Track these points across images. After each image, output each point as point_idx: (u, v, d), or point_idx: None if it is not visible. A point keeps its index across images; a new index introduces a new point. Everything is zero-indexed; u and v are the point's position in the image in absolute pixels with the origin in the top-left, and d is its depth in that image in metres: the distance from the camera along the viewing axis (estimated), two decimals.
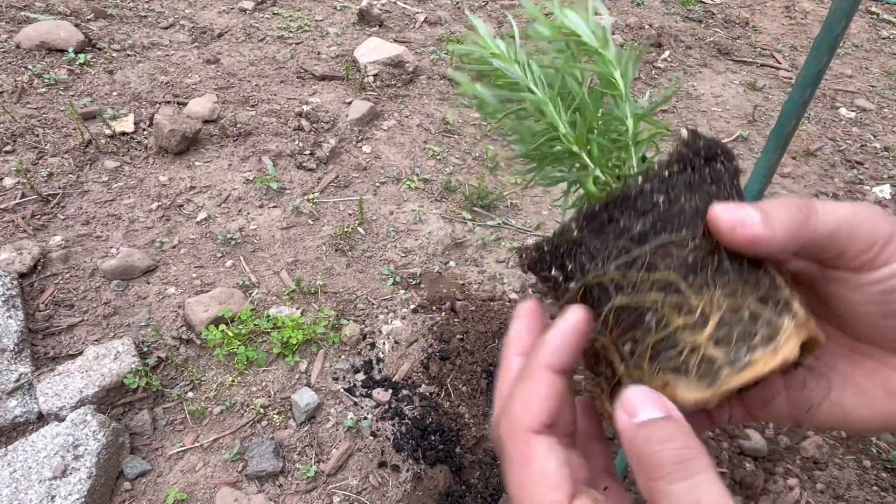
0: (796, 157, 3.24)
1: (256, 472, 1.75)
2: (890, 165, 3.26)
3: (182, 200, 2.51)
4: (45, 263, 2.17)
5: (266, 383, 1.98)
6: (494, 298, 2.33)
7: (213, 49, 3.36)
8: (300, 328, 2.07)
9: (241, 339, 2.03)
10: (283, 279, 2.28)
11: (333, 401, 1.96)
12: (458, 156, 2.97)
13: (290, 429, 1.88)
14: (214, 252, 2.34)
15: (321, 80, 3.27)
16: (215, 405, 1.91)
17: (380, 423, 1.92)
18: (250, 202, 2.55)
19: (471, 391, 2.02)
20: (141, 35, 3.33)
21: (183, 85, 3.04)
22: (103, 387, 1.80)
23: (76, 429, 1.66)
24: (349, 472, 1.81)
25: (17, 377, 1.81)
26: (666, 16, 4.37)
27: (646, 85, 3.64)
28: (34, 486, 1.56)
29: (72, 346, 1.97)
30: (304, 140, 2.84)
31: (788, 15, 4.65)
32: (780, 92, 3.76)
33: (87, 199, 2.43)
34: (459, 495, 1.77)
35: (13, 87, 2.80)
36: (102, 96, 2.89)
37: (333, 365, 2.06)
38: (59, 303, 2.08)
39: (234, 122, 2.85)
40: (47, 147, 2.58)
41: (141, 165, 2.62)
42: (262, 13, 3.76)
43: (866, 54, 4.28)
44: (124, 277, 2.18)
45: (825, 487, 1.87)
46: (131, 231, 2.35)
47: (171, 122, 2.64)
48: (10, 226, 2.28)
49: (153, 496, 1.70)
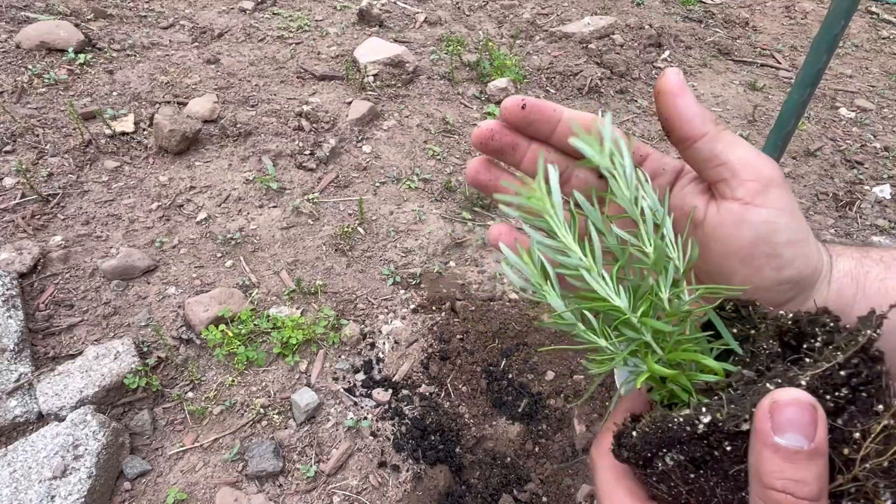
0: (796, 156, 3.24)
1: (256, 472, 1.75)
2: (890, 165, 3.26)
3: (182, 200, 2.51)
4: (45, 263, 2.17)
5: (266, 383, 1.98)
6: (494, 298, 2.33)
7: (213, 49, 3.36)
8: (300, 328, 2.07)
9: (241, 339, 2.03)
10: (283, 279, 2.28)
11: (333, 401, 1.96)
12: (458, 156, 2.97)
13: (290, 429, 1.88)
14: (214, 252, 2.34)
15: (321, 80, 3.27)
16: (215, 405, 1.91)
17: (380, 423, 1.92)
18: (250, 202, 2.55)
19: (471, 391, 2.02)
20: (141, 35, 3.33)
21: (183, 85, 3.04)
22: (103, 387, 1.80)
23: (76, 429, 1.66)
24: (349, 472, 1.81)
25: (17, 377, 1.81)
26: (666, 16, 4.37)
27: (646, 85, 3.64)
28: (34, 486, 1.56)
29: (72, 346, 1.97)
30: (304, 140, 2.84)
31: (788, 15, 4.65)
32: (780, 92, 3.76)
33: (87, 199, 2.43)
34: (459, 495, 1.77)
35: (13, 87, 2.80)
36: (102, 96, 2.89)
37: (333, 365, 2.06)
38: (59, 303, 2.08)
39: (234, 122, 2.85)
40: (47, 147, 2.58)
41: (141, 165, 2.62)
42: (262, 13, 3.76)
43: (866, 54, 4.28)
44: (124, 277, 2.18)
45: None
46: (131, 231, 2.35)
47: (171, 122, 2.64)
48: (10, 226, 2.28)
49: (153, 496, 1.70)
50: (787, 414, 0.34)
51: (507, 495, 1.78)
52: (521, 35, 3.92)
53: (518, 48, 3.80)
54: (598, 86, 3.51)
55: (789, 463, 0.33)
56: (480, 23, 4.02)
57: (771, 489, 0.33)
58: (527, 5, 4.27)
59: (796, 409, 0.34)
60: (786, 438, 0.34)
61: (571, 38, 3.88)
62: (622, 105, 3.46)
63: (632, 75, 3.67)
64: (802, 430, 0.34)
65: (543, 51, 3.80)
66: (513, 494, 1.79)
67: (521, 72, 3.51)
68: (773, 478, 0.33)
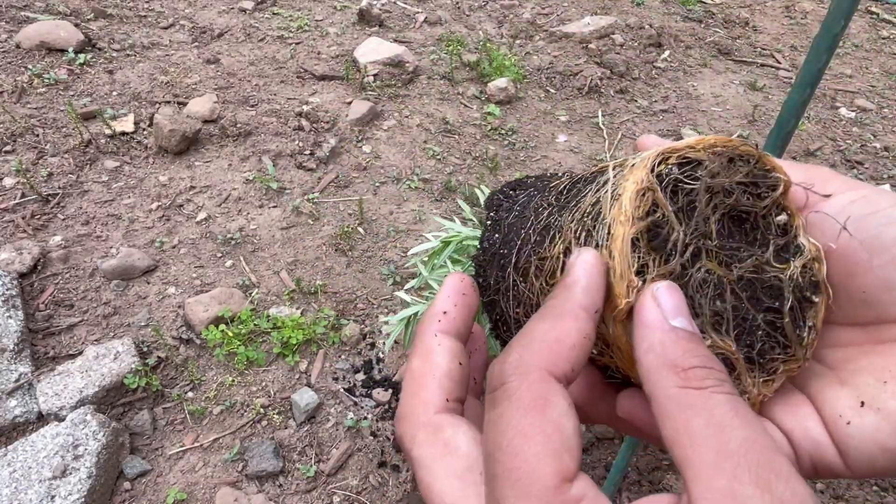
0: (796, 157, 3.24)
1: (256, 472, 1.75)
2: (890, 165, 3.26)
3: (182, 200, 2.51)
4: (45, 263, 2.17)
5: (266, 383, 1.98)
6: None
7: (213, 49, 3.36)
8: (300, 328, 2.07)
9: (241, 339, 2.03)
10: (283, 279, 2.28)
11: (333, 401, 1.96)
12: (458, 156, 2.97)
13: (290, 429, 1.88)
14: (214, 252, 2.34)
15: (321, 80, 3.27)
16: (215, 405, 1.91)
17: (380, 423, 1.92)
18: (250, 202, 2.55)
19: None
20: (141, 35, 3.33)
21: (183, 85, 3.04)
22: (103, 387, 1.80)
23: (76, 429, 1.66)
24: (349, 472, 1.81)
25: (17, 377, 1.81)
26: (666, 16, 4.37)
27: (646, 85, 3.64)
28: (34, 486, 1.56)
29: (72, 346, 1.97)
30: (304, 140, 2.84)
31: (788, 15, 4.65)
32: (780, 92, 3.76)
33: (87, 199, 2.43)
34: None
35: (13, 87, 2.80)
36: (102, 96, 2.89)
37: (333, 365, 2.06)
38: (59, 303, 2.08)
39: (234, 122, 2.85)
40: (47, 147, 2.58)
41: (141, 165, 2.62)
42: (262, 13, 3.76)
43: (866, 54, 4.28)
44: (124, 277, 2.18)
45: (825, 487, 1.87)
46: (131, 231, 2.35)
47: (171, 122, 2.64)
48: (10, 226, 2.28)
49: (153, 496, 1.70)
50: (674, 300, 0.34)
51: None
52: (520, 35, 3.92)
53: (518, 48, 3.80)
54: (598, 86, 3.51)
55: (695, 343, 0.32)
56: (480, 23, 4.02)
57: (692, 368, 0.31)
58: (527, 5, 4.27)
59: (676, 294, 0.34)
60: (678, 322, 0.33)
61: (571, 38, 3.88)
62: (622, 105, 3.46)
63: (632, 75, 3.67)
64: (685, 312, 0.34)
65: (543, 51, 3.80)
66: None
67: (521, 72, 3.51)
68: (688, 357, 0.31)
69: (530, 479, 0.28)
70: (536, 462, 0.29)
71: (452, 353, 0.38)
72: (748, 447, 0.27)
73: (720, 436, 0.28)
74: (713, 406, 0.29)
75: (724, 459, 0.27)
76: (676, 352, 0.32)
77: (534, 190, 0.48)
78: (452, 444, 0.35)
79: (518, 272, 0.43)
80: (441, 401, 0.36)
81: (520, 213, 0.46)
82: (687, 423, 0.29)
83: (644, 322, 0.33)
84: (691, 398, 0.30)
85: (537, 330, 0.34)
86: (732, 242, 0.39)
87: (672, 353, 0.32)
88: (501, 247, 0.46)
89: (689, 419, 0.29)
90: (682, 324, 0.33)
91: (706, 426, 0.28)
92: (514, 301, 0.44)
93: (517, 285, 0.43)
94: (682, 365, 0.31)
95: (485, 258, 0.48)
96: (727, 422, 0.28)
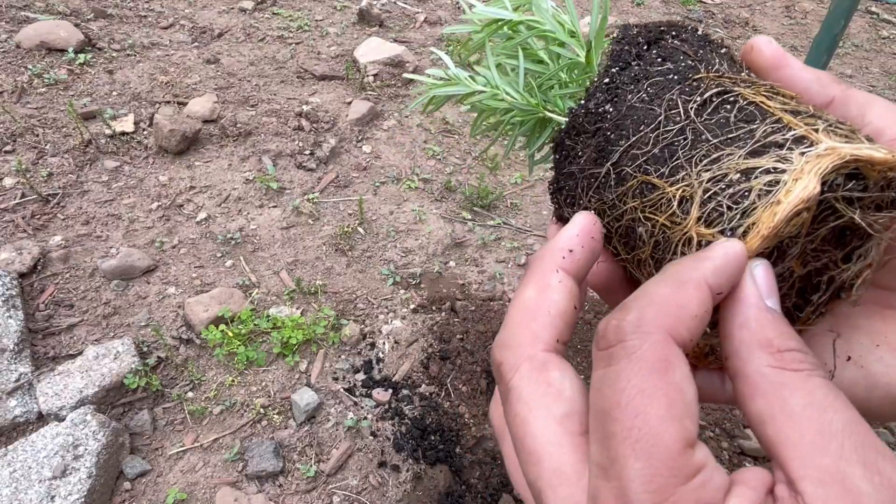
0: None
1: (256, 472, 1.75)
2: None
3: (182, 200, 2.51)
4: (45, 263, 2.17)
5: (266, 383, 1.98)
6: (494, 298, 2.33)
7: (213, 49, 3.36)
8: (300, 328, 2.07)
9: (241, 339, 2.03)
10: (283, 279, 2.28)
11: (333, 401, 1.96)
12: (458, 156, 2.97)
13: (290, 429, 1.88)
14: (214, 252, 2.34)
15: (321, 80, 3.27)
16: (215, 405, 1.91)
17: (380, 423, 1.92)
18: (250, 202, 2.55)
19: (471, 391, 2.02)
20: (141, 35, 3.33)
21: (183, 85, 3.04)
22: (103, 387, 1.80)
23: (76, 429, 1.66)
24: (349, 472, 1.81)
25: (17, 377, 1.81)
26: (666, 16, 4.37)
27: None
28: (34, 486, 1.56)
29: (72, 346, 1.97)
30: (304, 140, 2.84)
31: (788, 15, 4.65)
32: None
33: (87, 199, 2.43)
34: (459, 495, 1.77)
35: (13, 86, 2.80)
36: (102, 96, 2.89)
37: (333, 365, 2.06)
38: (59, 303, 2.08)
39: (234, 122, 2.85)
40: (47, 147, 2.58)
41: (141, 165, 2.62)
42: (262, 13, 3.76)
43: (866, 54, 4.28)
44: (124, 277, 2.18)
45: None
46: (131, 231, 2.35)
47: (171, 121, 2.64)
48: (10, 226, 2.28)
49: (153, 496, 1.70)
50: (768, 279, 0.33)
51: (507, 495, 1.78)
52: None
53: None
54: None
55: (788, 327, 0.32)
56: None
57: (789, 350, 0.31)
58: None
59: (771, 275, 0.33)
60: (771, 302, 0.33)
61: None
62: None
63: None
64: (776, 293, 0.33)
65: None
66: (513, 494, 1.79)
67: None
68: (785, 339, 0.31)
69: (654, 442, 0.28)
70: (659, 424, 0.28)
71: (571, 293, 0.37)
72: (852, 429, 0.27)
73: (822, 416, 0.28)
74: (813, 388, 0.29)
75: (828, 439, 0.27)
76: (772, 332, 0.31)
77: (674, 69, 0.40)
78: (557, 386, 0.34)
79: (616, 172, 0.38)
80: (551, 339, 0.36)
81: (648, 100, 0.39)
82: (784, 402, 0.29)
83: (740, 298, 0.33)
84: (787, 378, 0.30)
85: (657, 293, 0.32)
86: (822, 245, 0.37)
87: (768, 332, 0.31)
88: (611, 127, 0.39)
89: (786, 398, 0.29)
90: (775, 304, 0.33)
91: (807, 406, 0.28)
92: (594, 194, 0.39)
93: (608, 183, 0.38)
94: (779, 346, 0.31)
95: (584, 122, 0.41)
96: (829, 403, 0.28)
